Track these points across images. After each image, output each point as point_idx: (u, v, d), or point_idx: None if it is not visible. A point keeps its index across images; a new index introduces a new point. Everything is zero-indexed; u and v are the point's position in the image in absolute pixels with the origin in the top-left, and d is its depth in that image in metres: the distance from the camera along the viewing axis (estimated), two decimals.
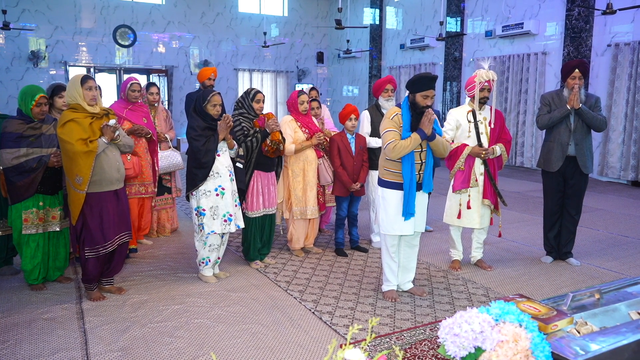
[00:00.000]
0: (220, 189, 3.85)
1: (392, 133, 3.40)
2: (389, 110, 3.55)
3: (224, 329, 3.15)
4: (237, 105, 4.32)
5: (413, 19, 13.49)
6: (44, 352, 2.84)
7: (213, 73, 5.32)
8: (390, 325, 3.24)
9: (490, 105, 4.22)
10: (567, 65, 4.27)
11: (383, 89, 4.70)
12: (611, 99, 8.90)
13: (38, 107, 3.56)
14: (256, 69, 15.71)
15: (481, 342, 1.91)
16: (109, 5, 13.53)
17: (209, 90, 3.92)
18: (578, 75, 4.19)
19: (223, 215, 3.86)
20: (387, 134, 3.42)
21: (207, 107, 3.82)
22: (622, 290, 2.90)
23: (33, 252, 3.66)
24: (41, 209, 3.66)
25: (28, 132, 3.55)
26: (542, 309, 2.32)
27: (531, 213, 6.46)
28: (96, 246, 3.42)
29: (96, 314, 3.34)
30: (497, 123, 4.20)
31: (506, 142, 4.26)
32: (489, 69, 4.08)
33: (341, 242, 4.74)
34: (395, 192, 3.49)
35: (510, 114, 10.83)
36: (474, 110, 4.15)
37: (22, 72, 12.71)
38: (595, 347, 2.14)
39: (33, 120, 3.59)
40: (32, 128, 3.57)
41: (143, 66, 14.20)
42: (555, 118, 4.31)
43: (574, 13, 9.35)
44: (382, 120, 3.55)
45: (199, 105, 3.83)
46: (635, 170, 8.64)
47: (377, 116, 4.76)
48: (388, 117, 3.48)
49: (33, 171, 3.51)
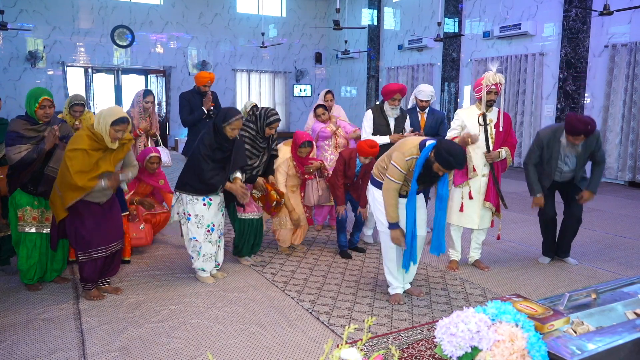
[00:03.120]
0: (208, 199, 3.85)
1: (399, 173, 3.31)
2: (408, 143, 3.38)
3: (222, 329, 3.15)
4: (249, 118, 4.26)
5: (411, 20, 13.51)
6: (41, 353, 2.83)
7: (210, 80, 5.34)
8: (387, 326, 3.24)
9: (498, 108, 4.21)
10: (575, 128, 3.94)
11: (392, 97, 4.67)
12: (608, 100, 8.93)
13: (42, 110, 3.51)
14: (254, 70, 15.71)
15: (478, 342, 1.91)
16: (106, 5, 13.52)
17: (234, 111, 3.77)
18: (581, 138, 4.01)
19: (207, 225, 3.87)
20: (394, 171, 3.32)
21: (226, 128, 3.71)
22: (618, 290, 2.91)
23: (29, 252, 3.65)
24: (35, 207, 3.66)
25: (29, 134, 3.52)
26: (539, 308, 2.32)
27: (528, 213, 6.47)
28: (88, 250, 3.42)
29: (93, 314, 3.34)
30: (504, 126, 4.18)
31: (511, 145, 4.24)
32: (496, 72, 4.06)
33: (344, 245, 4.73)
34: None
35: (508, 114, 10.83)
36: (485, 114, 4.12)
37: (19, 73, 12.69)
38: (592, 346, 2.15)
39: (37, 122, 3.55)
40: (34, 130, 3.54)
41: (141, 67, 14.19)
42: (531, 182, 4.33)
43: (571, 14, 9.37)
44: (398, 146, 3.43)
45: (218, 122, 3.73)
46: (633, 171, 8.66)
47: (379, 118, 4.78)
48: (404, 153, 3.31)
49: (34, 161, 3.51)
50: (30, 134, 3.52)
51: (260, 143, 4.23)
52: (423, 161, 3.23)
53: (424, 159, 3.23)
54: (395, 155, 3.34)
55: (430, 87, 5.10)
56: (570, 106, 9.58)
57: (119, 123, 3.30)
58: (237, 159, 3.88)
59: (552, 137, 4.19)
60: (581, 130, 3.94)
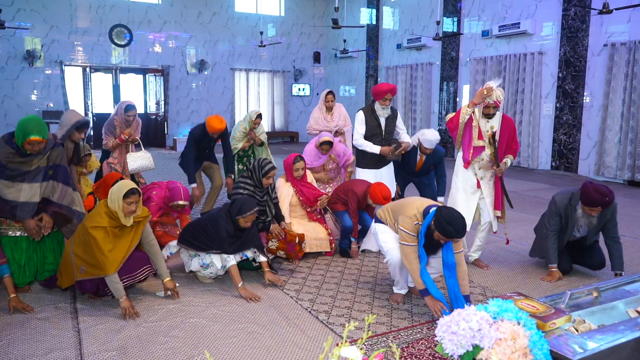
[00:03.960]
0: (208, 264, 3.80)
1: (410, 237, 3.23)
2: (411, 207, 3.30)
3: (220, 329, 3.13)
4: (245, 174, 4.26)
5: (410, 19, 13.49)
6: (38, 352, 2.80)
7: (220, 130, 5.32)
8: (387, 325, 3.22)
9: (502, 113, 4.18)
10: (592, 199, 3.74)
11: (383, 97, 4.65)
12: (607, 99, 8.92)
13: (30, 145, 3.22)
14: (253, 69, 15.68)
15: (479, 340, 1.89)
16: (104, 4, 13.48)
17: (250, 204, 3.70)
18: (598, 209, 3.80)
19: (203, 262, 3.81)
20: (406, 236, 3.24)
21: (239, 219, 3.65)
22: (620, 288, 2.90)
23: (12, 254, 3.49)
24: None
25: (12, 165, 3.26)
26: (540, 307, 2.31)
27: (528, 212, 6.46)
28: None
29: (90, 313, 3.31)
30: (507, 132, 4.14)
31: (514, 152, 4.21)
32: (497, 87, 3.97)
33: (345, 249, 4.66)
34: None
35: (507, 113, 10.83)
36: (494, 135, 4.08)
37: (17, 72, 12.65)
38: (594, 345, 2.13)
39: (25, 152, 3.27)
40: (20, 163, 3.27)
41: (139, 66, 14.16)
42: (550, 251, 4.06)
43: (570, 13, 9.36)
44: (401, 208, 3.37)
45: (233, 211, 3.66)
46: (632, 170, 8.65)
47: (371, 119, 4.76)
48: (410, 217, 3.24)
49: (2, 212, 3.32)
50: (13, 166, 3.26)
51: (260, 198, 4.22)
52: (425, 230, 3.17)
53: (425, 227, 3.17)
54: (402, 220, 3.27)
55: (436, 134, 4.81)
56: (569, 105, 9.57)
57: (130, 195, 3.27)
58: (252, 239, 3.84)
59: (568, 205, 3.96)
60: (598, 202, 3.72)
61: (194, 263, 3.81)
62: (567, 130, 9.69)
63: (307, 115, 17.01)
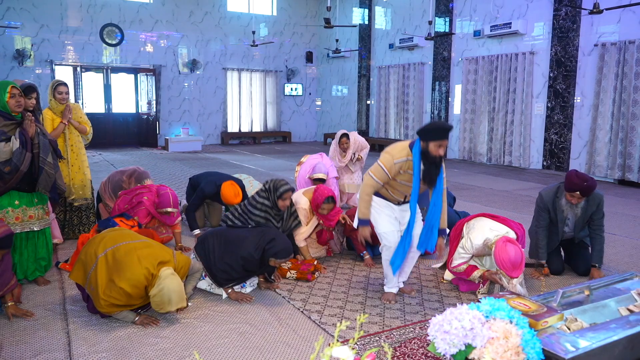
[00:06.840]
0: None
1: (382, 174, 3.26)
2: (399, 147, 3.29)
3: (211, 329, 3.10)
4: (261, 194, 4.05)
5: (402, 19, 13.51)
6: (26, 354, 2.77)
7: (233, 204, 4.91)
8: (379, 324, 3.21)
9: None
10: (572, 183, 3.80)
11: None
12: (598, 98, 8.97)
13: (13, 98, 3.41)
14: (245, 69, 15.64)
15: (471, 339, 1.89)
16: (95, 3, 13.40)
17: (288, 251, 3.50)
18: (578, 195, 3.85)
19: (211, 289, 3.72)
20: (379, 170, 3.27)
21: (271, 260, 3.50)
22: (611, 286, 2.91)
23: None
24: (17, 207, 3.54)
25: (6, 128, 3.42)
26: (533, 305, 2.31)
27: (520, 212, 6.48)
28: None
29: (80, 314, 3.27)
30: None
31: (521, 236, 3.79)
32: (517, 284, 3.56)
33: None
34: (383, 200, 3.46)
35: (499, 113, 10.88)
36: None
37: (7, 71, 12.52)
38: (585, 343, 2.13)
39: (11, 115, 3.45)
40: (10, 124, 3.44)
41: (130, 65, 14.08)
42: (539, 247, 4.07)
43: (561, 13, 9.42)
44: (388, 150, 3.32)
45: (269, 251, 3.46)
46: (622, 169, 8.71)
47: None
48: (393, 155, 3.25)
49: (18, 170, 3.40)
50: (6, 128, 3.42)
51: (275, 222, 4.06)
52: (418, 153, 3.20)
53: (418, 151, 3.20)
54: (383, 157, 3.30)
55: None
56: (560, 105, 9.62)
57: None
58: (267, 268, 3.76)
59: (555, 198, 4.02)
60: (577, 185, 3.76)
61: (203, 284, 3.71)
62: (558, 129, 9.75)
63: (299, 115, 17.03)
